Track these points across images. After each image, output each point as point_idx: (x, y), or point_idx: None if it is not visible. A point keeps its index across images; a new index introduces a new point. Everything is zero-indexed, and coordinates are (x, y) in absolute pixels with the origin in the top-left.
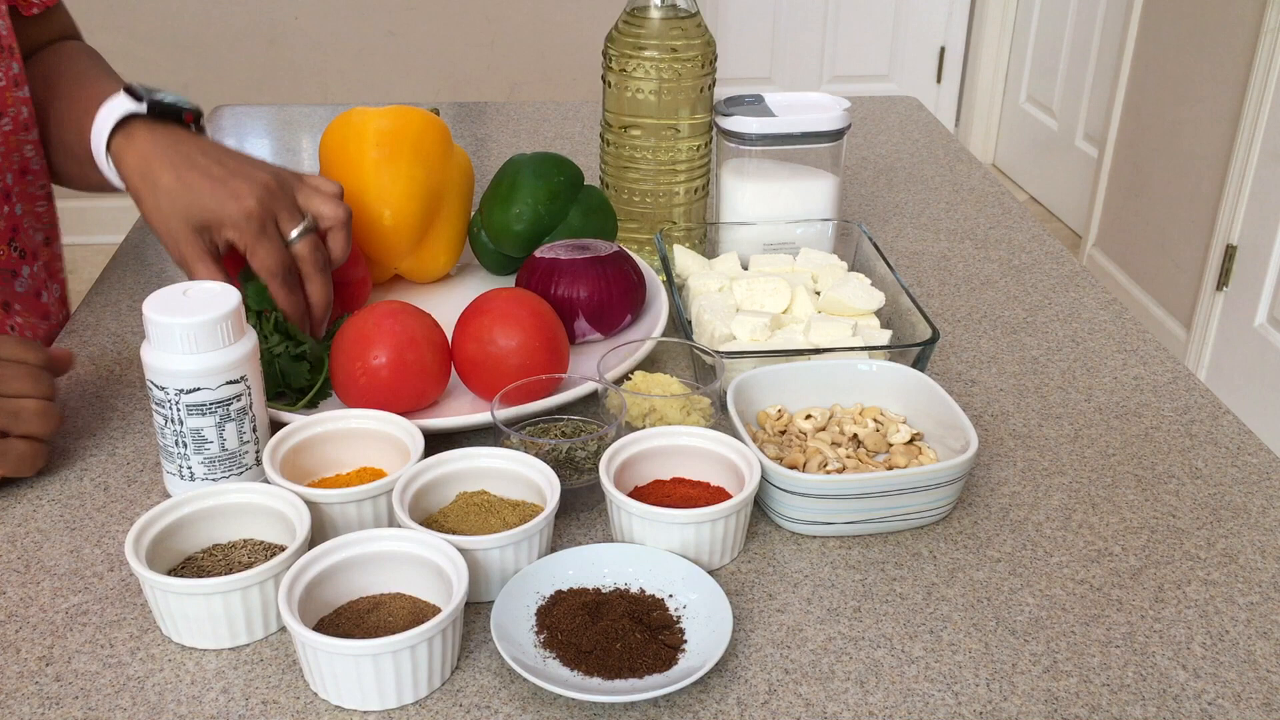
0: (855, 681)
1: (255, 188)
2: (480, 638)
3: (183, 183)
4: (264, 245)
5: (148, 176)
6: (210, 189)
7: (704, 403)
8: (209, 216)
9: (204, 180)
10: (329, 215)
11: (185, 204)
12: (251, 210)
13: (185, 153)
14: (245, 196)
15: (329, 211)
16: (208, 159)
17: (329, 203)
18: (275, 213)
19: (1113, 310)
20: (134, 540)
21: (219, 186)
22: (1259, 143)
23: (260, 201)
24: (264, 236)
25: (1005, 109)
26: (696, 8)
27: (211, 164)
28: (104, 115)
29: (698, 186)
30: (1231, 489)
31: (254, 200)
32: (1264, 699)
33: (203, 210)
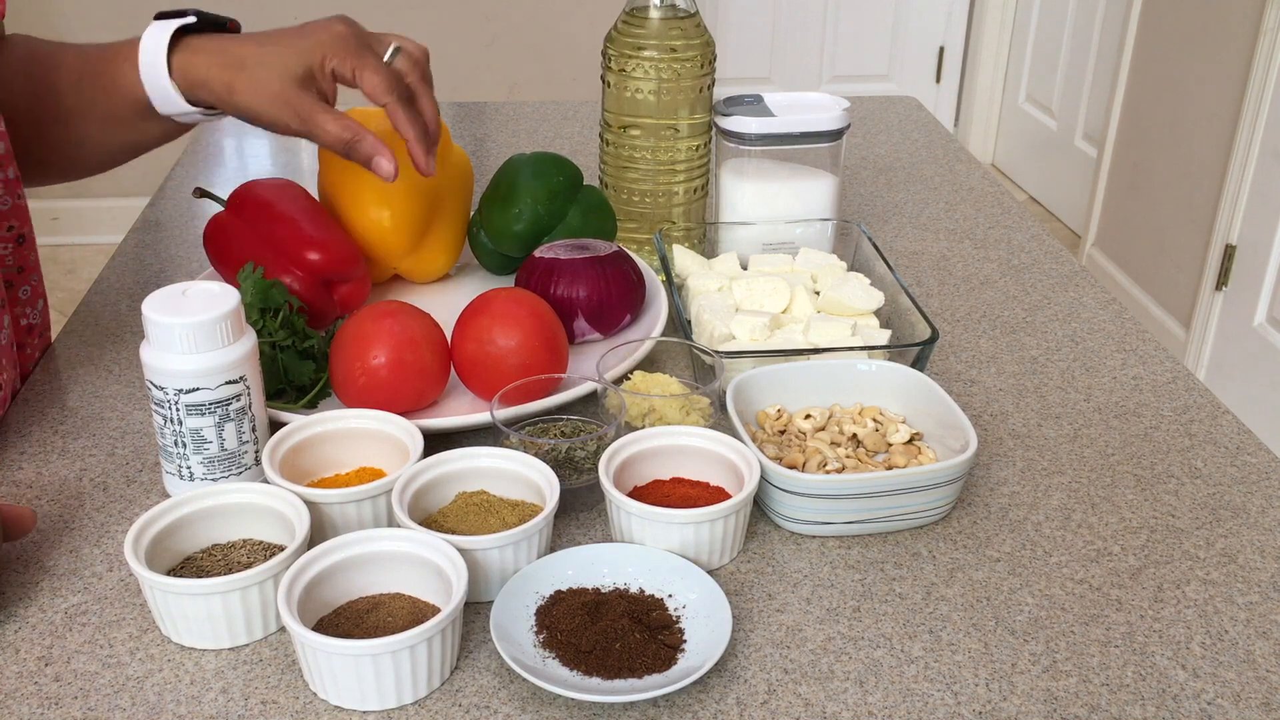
0: (855, 681)
1: (336, 21)
2: (480, 638)
3: (270, 44)
4: (370, 62)
5: (230, 63)
6: (296, 36)
7: (703, 402)
8: (308, 57)
9: (286, 35)
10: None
11: (281, 59)
12: (345, 33)
13: (253, 36)
14: (334, 25)
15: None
16: (278, 31)
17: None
18: (366, 37)
19: (1112, 310)
20: (133, 540)
21: (303, 32)
22: (1258, 142)
23: (347, 24)
24: (368, 53)
25: (1004, 109)
26: (696, 8)
27: (283, 29)
28: (150, 45)
29: (697, 186)
30: (1231, 489)
31: (342, 24)
32: (1263, 699)
33: (300, 54)
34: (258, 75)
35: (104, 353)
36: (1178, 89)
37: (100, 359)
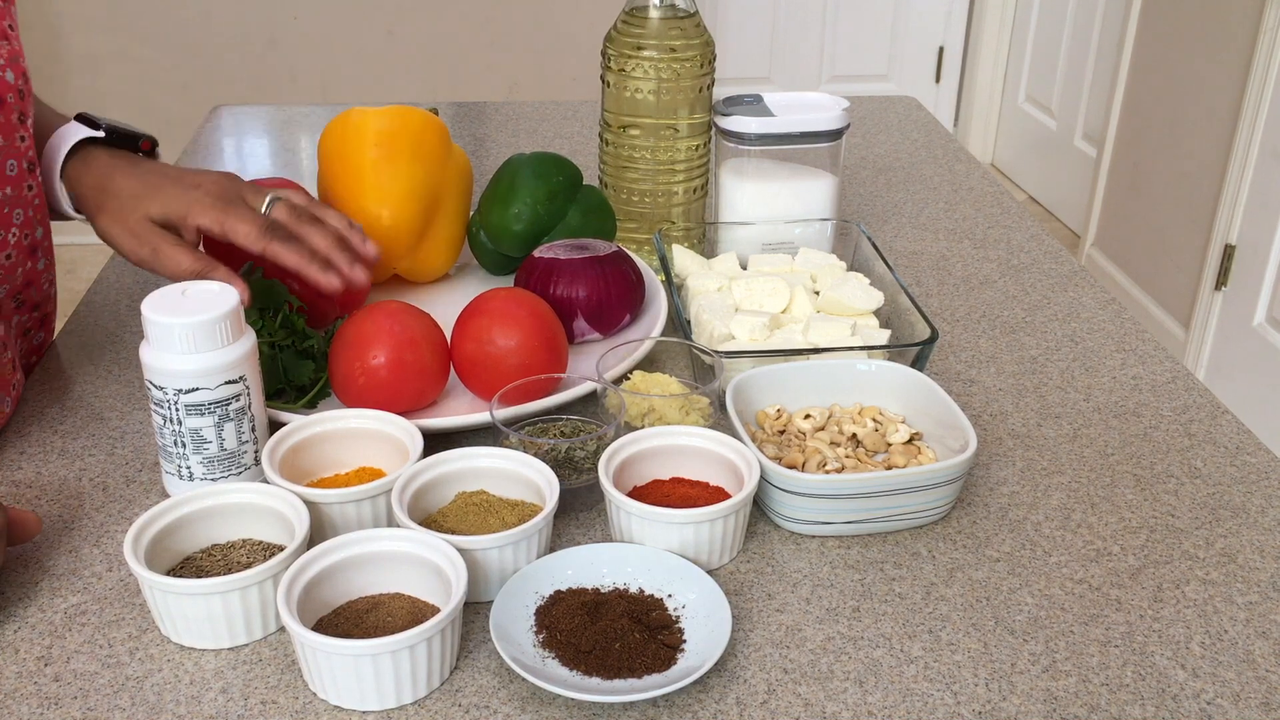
0: (854, 681)
1: (215, 178)
2: (479, 638)
3: (144, 184)
4: (236, 214)
5: (107, 189)
6: (171, 184)
7: (703, 402)
8: (173, 208)
9: (164, 180)
10: (289, 193)
11: (145, 204)
12: (213, 191)
13: (145, 167)
14: (206, 184)
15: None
16: (166, 169)
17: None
18: (241, 191)
19: (1111, 310)
20: (133, 540)
21: (179, 181)
22: (1258, 142)
23: (219, 183)
24: (234, 208)
25: (1004, 108)
26: (695, 7)
27: (169, 170)
28: (56, 143)
29: (697, 186)
30: (1230, 488)
31: (216, 185)
32: (1262, 698)
33: (166, 203)
34: (123, 208)
35: (103, 353)
36: (1177, 89)
37: (100, 359)
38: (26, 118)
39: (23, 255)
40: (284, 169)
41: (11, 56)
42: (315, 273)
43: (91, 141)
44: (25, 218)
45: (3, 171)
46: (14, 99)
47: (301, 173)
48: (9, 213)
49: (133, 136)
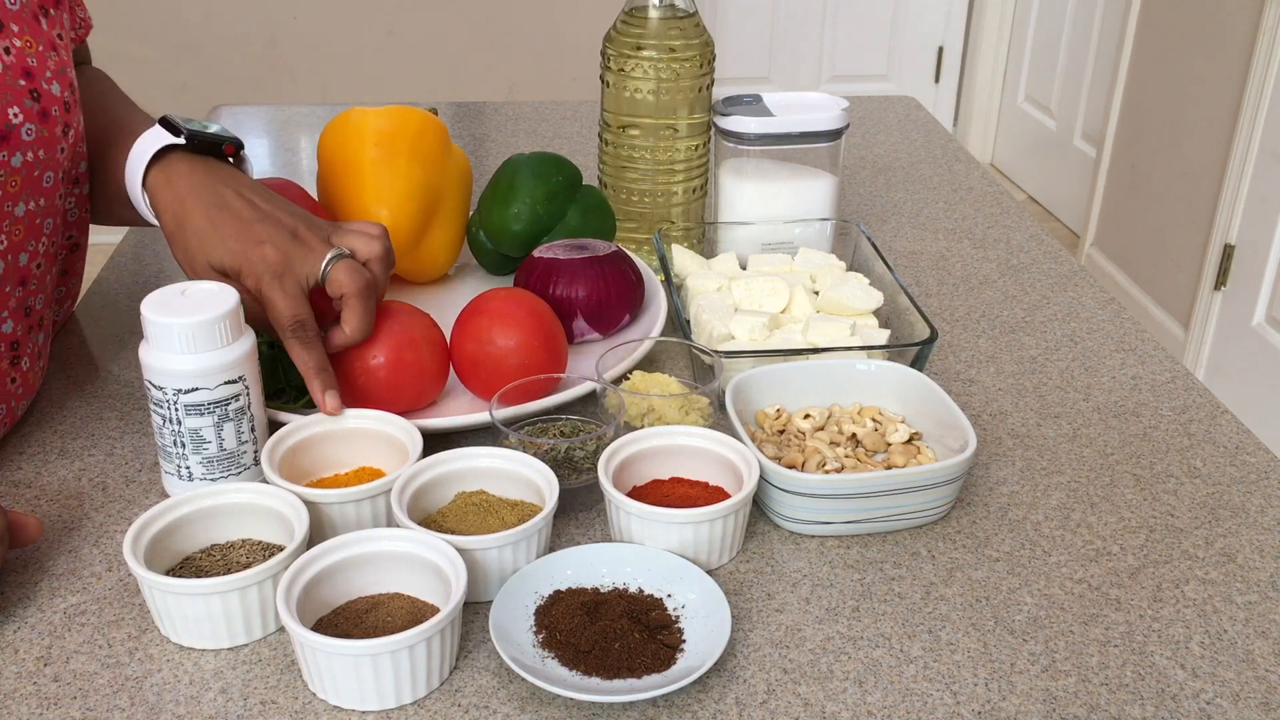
0: (854, 681)
1: (278, 232)
2: (479, 638)
3: (212, 224)
4: (275, 294)
5: (180, 217)
6: (235, 233)
7: (702, 402)
8: (230, 262)
9: (232, 223)
10: (363, 250)
11: (210, 248)
12: (268, 256)
13: (220, 193)
14: (265, 242)
15: (362, 246)
16: (241, 200)
17: (365, 239)
18: (296, 258)
19: (1111, 309)
20: (132, 540)
21: (244, 230)
22: (1257, 142)
23: (279, 248)
24: (277, 285)
25: (1003, 108)
26: (695, 7)
27: (243, 206)
28: (140, 149)
29: (696, 186)
30: (1230, 488)
31: (272, 247)
32: (1262, 698)
33: (225, 255)
34: (190, 246)
35: (103, 353)
36: (1177, 88)
37: (99, 359)
38: (70, 129)
39: (50, 262)
40: (283, 169)
41: (59, 68)
42: (315, 389)
43: (174, 147)
44: (54, 226)
45: (39, 182)
46: (59, 111)
47: (301, 173)
48: (40, 223)
49: (216, 142)
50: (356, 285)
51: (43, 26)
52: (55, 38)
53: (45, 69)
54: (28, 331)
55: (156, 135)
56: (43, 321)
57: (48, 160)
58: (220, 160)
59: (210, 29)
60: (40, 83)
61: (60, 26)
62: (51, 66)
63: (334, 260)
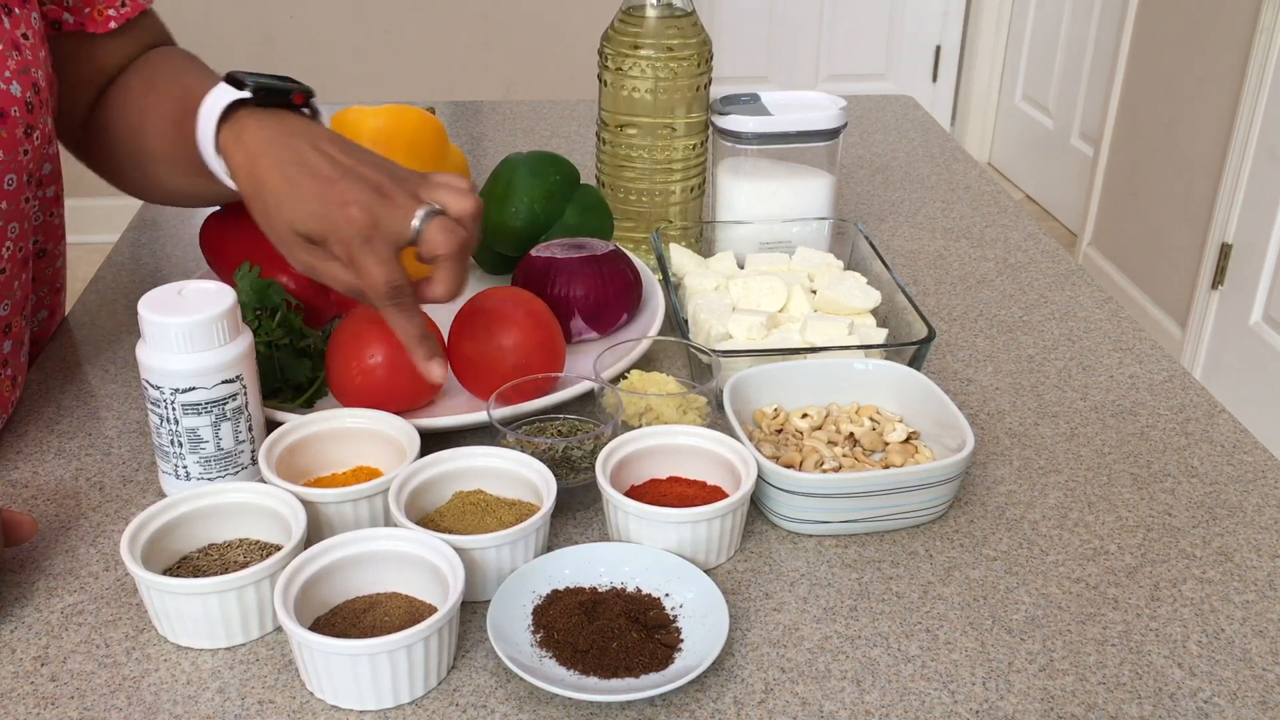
0: (852, 680)
1: (363, 191)
2: (476, 637)
3: (290, 185)
4: (367, 259)
5: (254, 178)
6: (317, 193)
7: (700, 402)
8: (314, 226)
9: (311, 182)
10: (455, 206)
11: (290, 210)
12: (354, 219)
13: (296, 148)
14: (350, 203)
15: (454, 202)
16: (318, 155)
17: (455, 194)
18: (385, 217)
19: (1108, 309)
20: (129, 540)
21: (325, 189)
22: (1254, 141)
23: (366, 209)
24: (368, 250)
25: (1001, 107)
26: (692, 6)
27: (322, 161)
28: (207, 110)
29: (694, 185)
30: (1227, 487)
31: (358, 208)
32: (1260, 697)
33: (308, 218)
34: (270, 210)
35: (100, 352)
36: (1174, 88)
37: (96, 358)
38: (34, 130)
39: (17, 268)
40: None
41: (20, 67)
42: (419, 356)
43: (242, 103)
44: (20, 231)
45: (0, 185)
46: (19, 112)
47: None
48: (3, 226)
49: (284, 93)
50: (452, 246)
51: (4, 25)
52: (19, 37)
53: (4, 68)
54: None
55: (221, 93)
56: (10, 329)
57: (8, 163)
58: (292, 111)
59: (207, 28)
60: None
61: (26, 25)
62: (12, 66)
63: (427, 219)
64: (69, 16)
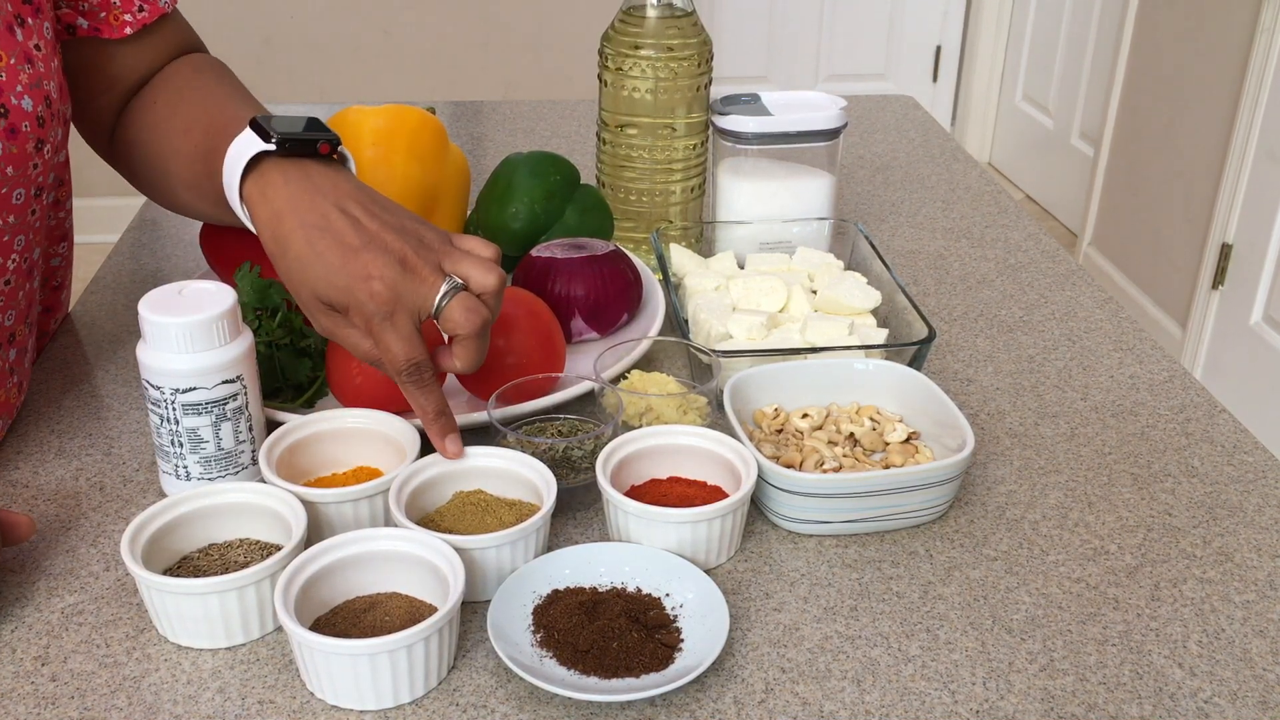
0: (852, 680)
1: (387, 265)
2: (477, 637)
3: (313, 251)
4: (388, 335)
5: (279, 239)
6: (340, 263)
7: (700, 402)
8: (336, 297)
9: (335, 250)
10: (477, 281)
11: (313, 278)
12: (377, 294)
13: (321, 210)
14: (373, 277)
15: (477, 276)
16: (344, 219)
17: (480, 267)
18: (407, 293)
19: (1109, 309)
20: (130, 540)
21: (349, 261)
22: (1255, 141)
23: (389, 284)
24: (388, 325)
25: (1001, 108)
26: (692, 7)
27: (347, 228)
28: (232, 158)
29: (694, 185)
30: (1227, 487)
31: (381, 283)
32: (1260, 697)
33: (330, 289)
34: (292, 272)
35: (100, 352)
36: (1174, 88)
37: (96, 358)
38: (45, 144)
39: (22, 278)
40: None
41: (33, 80)
42: (434, 434)
43: (268, 152)
44: (27, 242)
45: (8, 200)
46: (30, 127)
47: None
48: (10, 240)
49: (308, 143)
50: (474, 326)
51: (16, 38)
52: (32, 48)
53: (16, 83)
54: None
55: (247, 142)
56: (14, 337)
57: (17, 177)
58: (318, 161)
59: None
60: (9, 97)
61: (39, 36)
62: (24, 80)
63: (449, 295)
64: (84, 21)
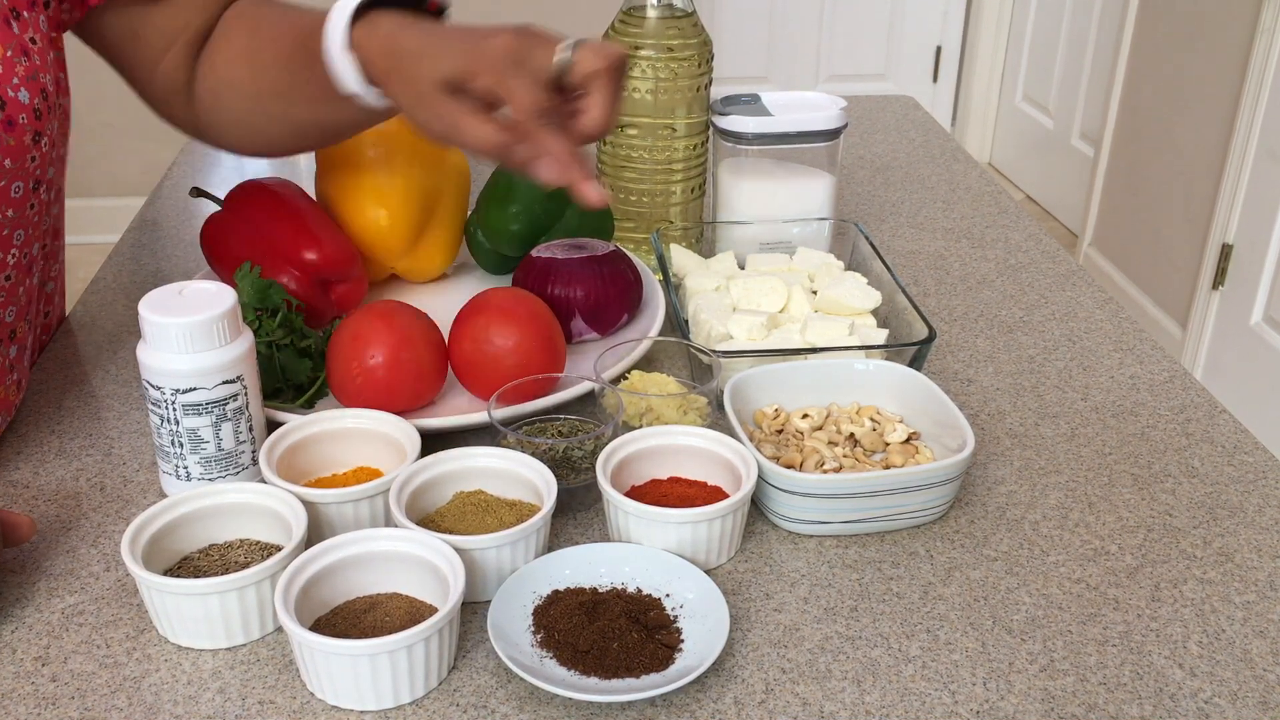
0: (852, 681)
1: (508, 34)
2: (477, 637)
3: (432, 38)
4: (521, 81)
5: (392, 50)
6: (461, 39)
7: (701, 402)
8: (459, 64)
9: (454, 34)
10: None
11: (434, 59)
12: (505, 43)
13: (435, 25)
14: (498, 35)
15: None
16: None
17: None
18: (533, 45)
19: (1109, 309)
20: (130, 540)
21: (470, 35)
22: (1255, 142)
23: (514, 36)
24: (521, 72)
25: (1001, 108)
26: (693, 7)
27: (459, 27)
28: (337, 13)
29: (694, 186)
30: (1228, 488)
31: (506, 36)
32: (1260, 697)
33: (453, 59)
34: (409, 71)
35: (100, 353)
36: (1174, 88)
37: (97, 359)
38: (42, 136)
39: (22, 274)
40: (282, 169)
41: (29, 73)
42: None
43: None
44: (25, 237)
45: (7, 193)
46: (27, 119)
47: (299, 173)
48: (9, 234)
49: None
50: (610, 59)
51: (13, 30)
52: (27, 41)
53: (12, 75)
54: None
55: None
56: (14, 334)
57: (15, 170)
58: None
59: None
60: (6, 90)
61: (35, 29)
62: (20, 72)
63: (575, 45)
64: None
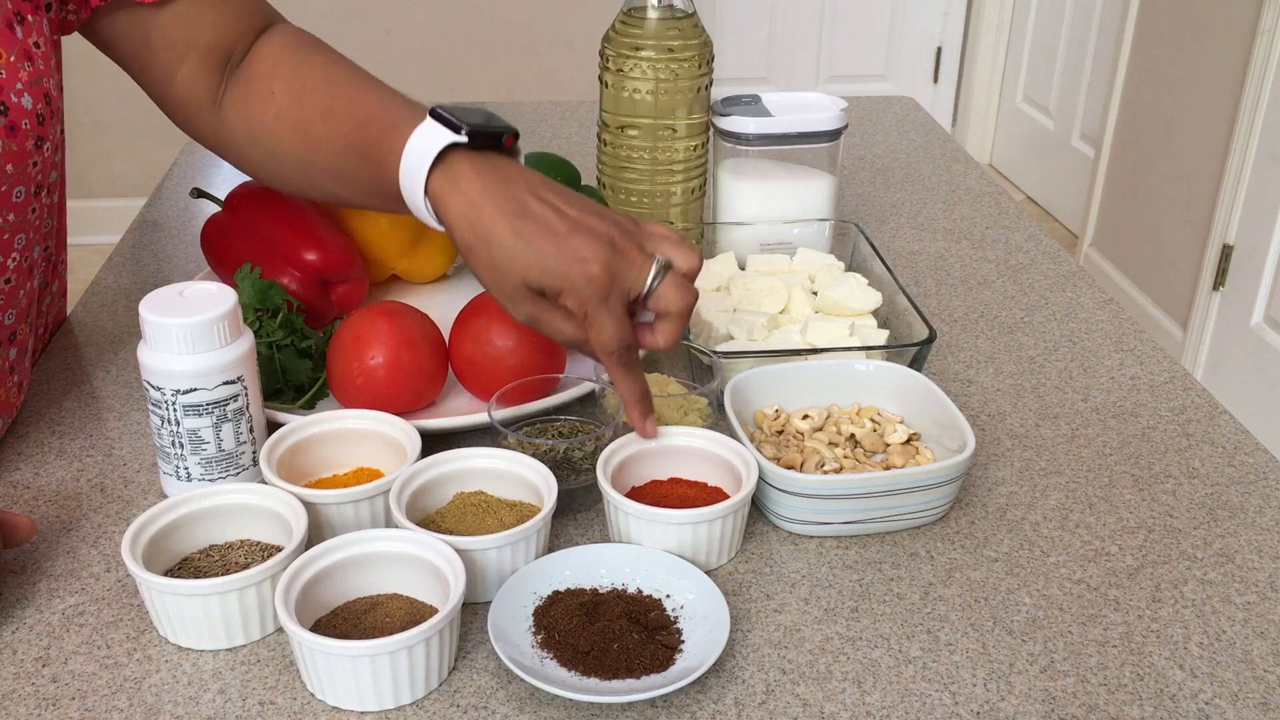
0: (852, 681)
1: (599, 247)
2: (477, 638)
3: (521, 239)
4: (604, 317)
5: (479, 229)
6: (553, 249)
7: (701, 403)
8: (550, 282)
9: (544, 236)
10: (681, 262)
11: (524, 265)
12: (595, 276)
13: (518, 199)
14: (589, 260)
15: (679, 257)
16: (544, 207)
17: (679, 248)
18: (621, 274)
19: (1109, 310)
20: (130, 541)
21: (561, 246)
22: (1255, 142)
23: (605, 266)
24: (605, 307)
25: (1002, 109)
26: (693, 8)
27: (550, 214)
28: (415, 151)
29: (695, 187)
30: (1228, 489)
31: (598, 265)
32: (1260, 698)
33: (543, 274)
34: (498, 262)
35: (101, 353)
36: (1175, 89)
37: (97, 360)
38: (45, 141)
39: (23, 277)
40: None
41: (32, 78)
42: (636, 416)
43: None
44: (27, 241)
45: (8, 198)
46: (30, 124)
47: None
48: (10, 239)
49: (496, 135)
50: (685, 303)
51: (16, 35)
52: (31, 45)
53: (16, 81)
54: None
55: (433, 133)
56: (15, 336)
57: (17, 175)
58: (501, 154)
59: None
60: (9, 95)
61: (38, 33)
62: (24, 78)
63: (660, 275)
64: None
